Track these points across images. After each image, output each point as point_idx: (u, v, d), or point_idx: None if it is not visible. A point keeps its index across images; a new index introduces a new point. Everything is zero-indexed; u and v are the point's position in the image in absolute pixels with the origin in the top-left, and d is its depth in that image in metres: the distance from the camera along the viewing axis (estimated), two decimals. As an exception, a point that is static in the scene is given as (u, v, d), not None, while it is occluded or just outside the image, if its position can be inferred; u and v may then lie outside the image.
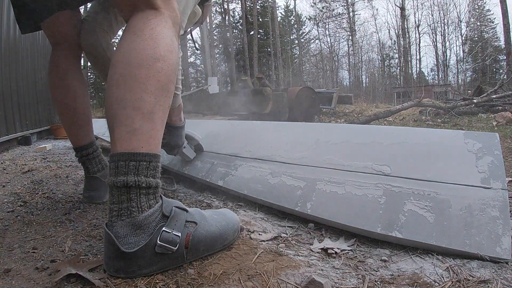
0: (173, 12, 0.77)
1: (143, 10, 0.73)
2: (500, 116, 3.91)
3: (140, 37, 0.70)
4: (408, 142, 1.06)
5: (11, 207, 1.17)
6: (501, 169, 0.88)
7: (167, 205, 0.71)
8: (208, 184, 1.36)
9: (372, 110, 6.99)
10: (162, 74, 0.70)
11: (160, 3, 0.74)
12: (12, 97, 3.20)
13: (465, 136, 1.00)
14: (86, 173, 1.22)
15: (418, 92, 11.73)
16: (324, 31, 28.84)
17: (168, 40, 0.72)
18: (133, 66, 0.68)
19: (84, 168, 1.22)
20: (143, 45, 0.69)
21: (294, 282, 0.67)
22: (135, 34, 0.70)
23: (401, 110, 4.96)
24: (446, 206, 0.85)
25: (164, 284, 0.65)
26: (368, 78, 27.41)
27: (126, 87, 0.67)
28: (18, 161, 2.26)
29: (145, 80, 0.68)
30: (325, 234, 0.95)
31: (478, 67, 24.93)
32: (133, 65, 0.68)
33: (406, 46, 23.90)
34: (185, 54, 20.71)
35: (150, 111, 0.68)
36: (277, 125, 1.52)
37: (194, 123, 2.04)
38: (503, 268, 0.71)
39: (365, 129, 1.24)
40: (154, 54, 0.69)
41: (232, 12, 27.80)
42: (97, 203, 1.20)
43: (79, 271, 0.65)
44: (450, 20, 25.31)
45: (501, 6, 12.96)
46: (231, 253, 0.79)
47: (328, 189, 1.02)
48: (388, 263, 0.77)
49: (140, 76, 0.68)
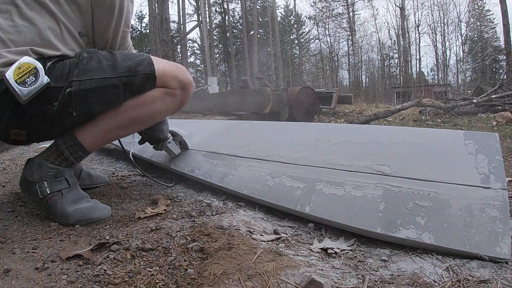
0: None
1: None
2: (500, 116, 3.92)
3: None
4: (408, 142, 1.06)
5: (11, 207, 1.17)
6: (501, 169, 0.88)
7: (63, 173, 1.01)
8: (208, 184, 1.36)
9: (372, 110, 6.99)
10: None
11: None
12: (12, 97, 3.19)
13: (465, 136, 1.00)
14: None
15: (418, 92, 11.74)
16: (324, 31, 28.84)
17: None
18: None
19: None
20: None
21: (294, 282, 0.67)
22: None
23: (401, 110, 4.96)
24: (446, 206, 0.85)
25: (164, 284, 0.66)
26: (368, 78, 27.44)
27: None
28: (18, 161, 2.26)
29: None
30: (325, 234, 0.95)
31: (478, 67, 24.93)
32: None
33: (406, 46, 23.92)
34: (185, 54, 20.73)
35: (100, 125, 1.02)
36: (277, 125, 1.52)
37: (193, 123, 2.04)
38: (503, 268, 0.71)
39: (365, 129, 1.24)
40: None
41: (232, 12, 27.84)
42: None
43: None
44: (450, 20, 25.31)
45: (501, 6, 12.96)
46: (231, 253, 0.79)
47: (328, 189, 1.02)
48: (388, 263, 0.77)
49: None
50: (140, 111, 1.03)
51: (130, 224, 0.99)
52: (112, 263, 0.74)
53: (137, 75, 0.98)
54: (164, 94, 1.05)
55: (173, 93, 1.06)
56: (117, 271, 0.70)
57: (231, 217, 1.03)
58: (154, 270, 0.71)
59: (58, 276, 0.68)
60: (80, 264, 0.73)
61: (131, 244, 0.82)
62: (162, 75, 1.02)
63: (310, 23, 30.10)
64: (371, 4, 31.38)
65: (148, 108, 1.04)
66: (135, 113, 1.02)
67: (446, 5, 24.81)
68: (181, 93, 1.08)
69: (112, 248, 0.80)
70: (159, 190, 1.40)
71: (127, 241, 0.84)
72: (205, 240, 0.86)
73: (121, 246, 0.81)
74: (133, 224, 0.99)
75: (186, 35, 18.30)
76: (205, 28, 13.25)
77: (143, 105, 1.02)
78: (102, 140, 1.08)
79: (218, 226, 0.95)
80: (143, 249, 0.80)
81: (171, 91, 1.06)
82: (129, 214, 1.08)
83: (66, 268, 0.71)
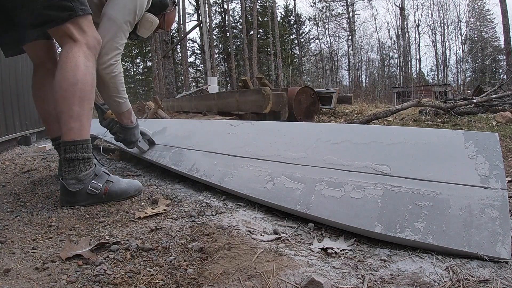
0: (88, 38, 1.17)
1: (67, 42, 1.15)
2: (499, 116, 3.91)
3: (65, 69, 1.13)
4: (408, 142, 1.06)
5: (11, 207, 1.17)
6: (500, 169, 0.88)
7: (98, 169, 1.19)
8: (208, 184, 1.36)
9: (371, 110, 6.99)
10: (82, 91, 1.14)
11: (77, 35, 1.15)
12: (11, 97, 3.20)
13: (465, 136, 1.00)
14: (60, 156, 1.52)
15: (418, 92, 11.73)
16: (324, 31, 28.83)
17: (82, 67, 1.14)
18: (63, 89, 1.12)
19: (59, 153, 1.54)
20: (67, 75, 1.13)
21: (294, 282, 0.67)
22: (62, 67, 1.13)
23: (400, 110, 4.96)
24: (446, 206, 0.85)
25: (164, 284, 0.66)
26: (367, 78, 27.41)
27: (63, 103, 1.12)
28: (18, 161, 2.26)
29: (72, 97, 1.12)
30: (325, 234, 0.95)
31: (478, 67, 24.92)
32: (63, 89, 1.12)
33: (405, 46, 23.90)
34: (185, 54, 20.71)
35: (77, 115, 1.13)
36: (277, 125, 1.52)
37: (193, 123, 2.04)
38: (502, 268, 0.71)
39: (365, 129, 1.24)
40: (74, 79, 1.13)
41: (232, 12, 27.82)
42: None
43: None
44: (450, 20, 25.29)
45: (501, 6, 12.97)
46: (231, 253, 0.79)
47: (327, 189, 1.02)
48: (388, 263, 0.77)
49: (68, 95, 1.12)
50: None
51: (130, 224, 0.99)
52: (112, 263, 0.74)
53: None
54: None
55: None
56: (117, 271, 0.70)
57: (231, 217, 1.03)
58: (154, 270, 0.71)
59: (58, 276, 0.68)
60: (80, 264, 0.73)
61: (131, 244, 0.82)
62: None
63: (310, 23, 30.09)
64: (371, 4, 31.39)
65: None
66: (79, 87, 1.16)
67: (446, 5, 24.84)
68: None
69: (112, 248, 0.80)
70: (159, 190, 1.40)
71: (127, 241, 0.84)
72: (205, 240, 0.86)
73: (121, 246, 0.81)
74: (133, 224, 0.99)
75: (186, 35, 18.28)
76: (205, 28, 13.23)
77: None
78: (87, 123, 1.19)
79: (218, 226, 0.95)
80: (143, 249, 0.80)
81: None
82: (129, 214, 1.08)
83: (66, 268, 0.71)
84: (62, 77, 1.12)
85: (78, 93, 1.12)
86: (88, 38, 1.16)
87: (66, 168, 1.14)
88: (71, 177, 1.13)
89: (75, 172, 1.13)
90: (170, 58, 13.29)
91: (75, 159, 1.13)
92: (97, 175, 1.18)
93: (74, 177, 1.13)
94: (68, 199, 1.13)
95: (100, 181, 1.17)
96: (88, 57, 1.16)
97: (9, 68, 3.20)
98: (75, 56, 1.13)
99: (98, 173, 1.18)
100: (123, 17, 1.32)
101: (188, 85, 19.93)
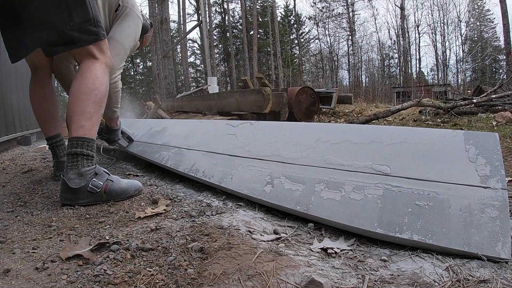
0: (106, 58, 1.33)
1: (88, 59, 1.28)
2: (499, 116, 3.91)
3: (85, 78, 1.25)
4: (408, 142, 1.06)
5: (11, 207, 1.17)
6: (500, 169, 0.88)
7: (98, 168, 1.22)
8: (208, 184, 1.36)
9: (371, 110, 6.98)
10: (97, 97, 1.26)
11: (98, 54, 1.29)
12: (11, 97, 3.20)
13: (465, 136, 1.00)
14: (55, 157, 1.63)
15: (418, 92, 11.72)
16: (324, 31, 28.82)
17: (100, 78, 1.28)
18: (81, 93, 1.23)
19: (53, 153, 1.63)
20: (86, 82, 1.25)
21: (294, 282, 0.67)
22: (82, 76, 1.26)
23: (400, 110, 4.96)
24: (446, 206, 0.85)
25: (164, 284, 0.66)
26: (367, 78, 27.40)
27: (78, 104, 1.22)
28: (18, 161, 2.26)
29: (87, 99, 1.23)
30: (325, 234, 0.95)
31: (478, 67, 24.91)
32: (81, 93, 1.23)
33: (405, 46, 23.90)
34: (185, 54, 20.69)
35: (90, 116, 1.23)
36: (277, 125, 1.52)
37: (192, 123, 2.04)
38: (502, 268, 0.71)
39: (365, 129, 1.24)
40: (93, 86, 1.25)
41: (231, 12, 27.81)
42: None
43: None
44: (450, 20, 25.29)
45: (501, 6, 12.97)
46: (231, 253, 0.79)
47: (327, 189, 1.02)
48: (388, 263, 0.77)
49: (84, 98, 1.23)
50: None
51: (130, 224, 0.99)
52: (112, 263, 0.74)
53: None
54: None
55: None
56: (117, 271, 0.70)
57: (231, 217, 1.03)
58: (154, 270, 0.71)
59: (58, 276, 0.68)
60: (80, 264, 0.73)
61: (131, 244, 0.82)
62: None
63: (310, 23, 30.09)
64: (371, 4, 31.39)
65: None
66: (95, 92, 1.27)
67: (446, 5, 24.81)
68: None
69: (112, 248, 0.80)
70: (159, 190, 1.40)
71: (127, 241, 0.84)
72: (205, 240, 0.86)
73: (121, 246, 0.81)
74: (133, 224, 0.99)
75: (186, 35, 18.29)
76: (205, 28, 13.24)
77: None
78: (96, 122, 1.28)
79: (218, 226, 0.95)
80: (143, 249, 0.80)
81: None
82: (129, 214, 1.08)
83: (66, 268, 0.71)
84: (81, 84, 1.24)
85: (93, 97, 1.24)
86: (106, 59, 1.34)
87: (69, 163, 1.17)
88: (73, 171, 1.15)
89: (77, 167, 1.16)
90: (170, 58, 13.29)
91: (80, 153, 1.17)
92: (98, 174, 1.21)
93: (76, 172, 1.15)
94: (68, 196, 1.15)
95: (101, 179, 1.19)
96: (105, 72, 1.32)
97: (9, 67, 3.20)
98: (96, 69, 1.28)
99: (99, 172, 1.21)
100: (129, 44, 1.61)
101: (188, 85, 19.92)
